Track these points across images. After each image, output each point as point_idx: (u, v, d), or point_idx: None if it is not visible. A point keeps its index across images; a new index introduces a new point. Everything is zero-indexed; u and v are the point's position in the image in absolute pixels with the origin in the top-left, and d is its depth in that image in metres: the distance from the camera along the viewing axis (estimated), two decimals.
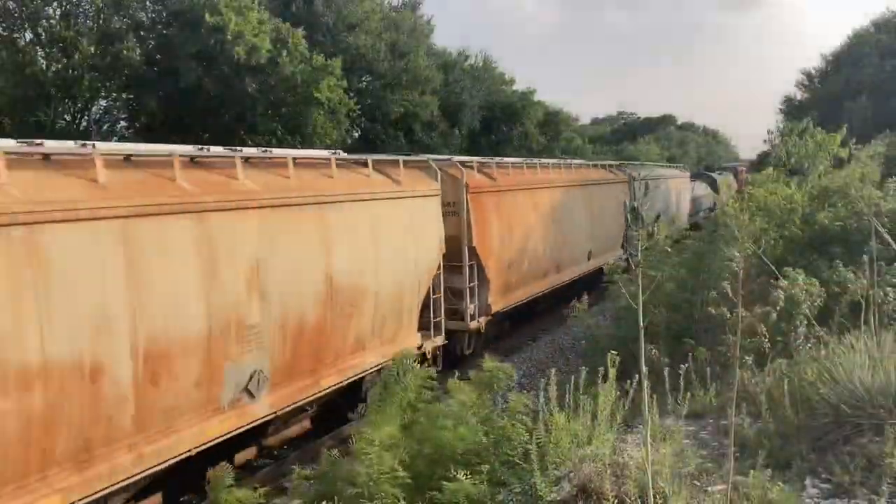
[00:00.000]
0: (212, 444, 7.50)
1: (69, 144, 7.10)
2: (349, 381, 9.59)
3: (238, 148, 9.27)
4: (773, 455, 5.73)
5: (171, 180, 7.18)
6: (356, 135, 28.62)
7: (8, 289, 5.60)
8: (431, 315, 11.71)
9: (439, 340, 12.04)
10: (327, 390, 9.16)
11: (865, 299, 7.50)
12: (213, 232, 7.41)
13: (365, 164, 10.45)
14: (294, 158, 8.89)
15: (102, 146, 7.07)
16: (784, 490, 5.01)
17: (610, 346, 9.75)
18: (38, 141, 6.88)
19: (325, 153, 10.50)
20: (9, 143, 6.45)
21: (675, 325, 10.29)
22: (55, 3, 19.40)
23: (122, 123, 22.50)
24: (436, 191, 11.78)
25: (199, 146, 8.47)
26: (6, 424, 5.55)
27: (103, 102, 21.78)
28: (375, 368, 9.94)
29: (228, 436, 7.76)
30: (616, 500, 4.86)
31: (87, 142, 7.38)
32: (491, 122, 36.27)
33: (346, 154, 11.21)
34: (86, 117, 21.25)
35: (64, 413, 5.97)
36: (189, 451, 7.20)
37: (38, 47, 19.50)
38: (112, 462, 6.42)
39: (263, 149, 9.81)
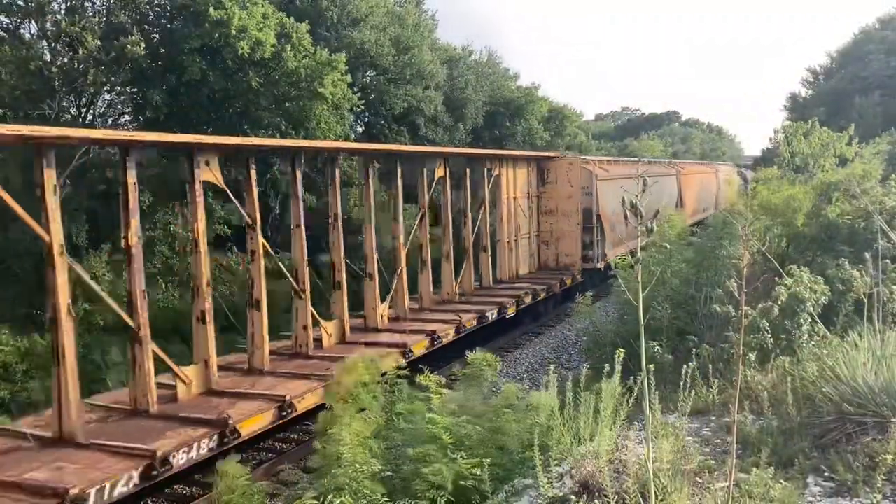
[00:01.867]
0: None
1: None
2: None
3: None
4: (776, 453, 5.72)
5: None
6: (360, 130, 28.59)
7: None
8: None
9: None
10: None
11: (869, 297, 7.48)
12: (695, 178, 37.98)
13: (710, 164, 47.57)
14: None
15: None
16: (786, 488, 5.00)
17: (613, 342, 9.76)
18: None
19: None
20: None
21: (679, 321, 10.28)
22: None
23: (127, 117, 22.53)
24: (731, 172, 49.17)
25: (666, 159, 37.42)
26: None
27: (108, 96, 21.80)
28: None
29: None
30: (617, 497, 4.86)
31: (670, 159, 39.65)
32: (495, 117, 36.22)
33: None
34: (91, 111, 21.27)
35: None
36: None
37: (43, 41, 19.51)
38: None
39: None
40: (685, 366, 6.66)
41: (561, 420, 6.11)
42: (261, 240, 11.88)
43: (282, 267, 12.84)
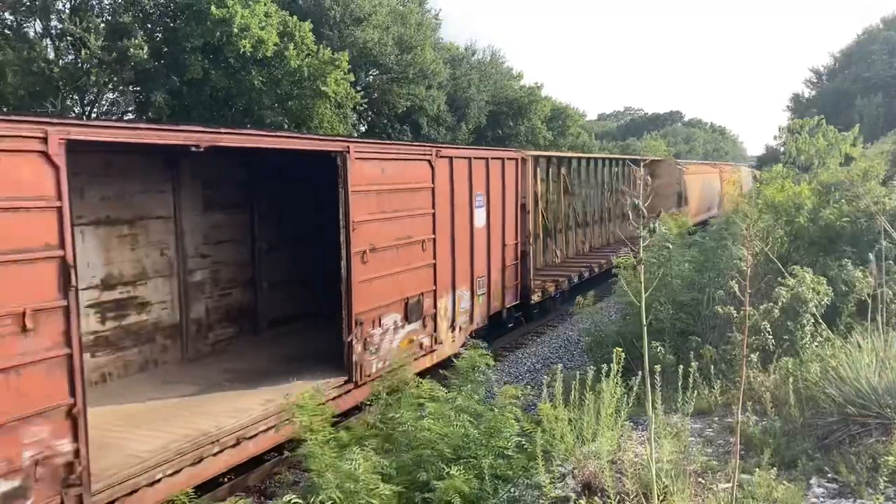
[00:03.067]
0: None
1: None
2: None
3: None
4: (779, 454, 5.70)
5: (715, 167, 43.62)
6: (362, 129, 28.61)
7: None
8: None
9: None
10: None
11: (873, 298, 7.46)
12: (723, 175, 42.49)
13: (735, 165, 54.14)
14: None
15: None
16: (789, 489, 4.99)
17: (615, 342, 9.73)
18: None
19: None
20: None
21: (682, 322, 10.24)
22: None
23: (130, 116, 22.55)
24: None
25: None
26: None
27: (111, 95, 21.85)
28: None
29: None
30: (619, 497, 4.85)
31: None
32: (498, 116, 36.25)
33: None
34: (94, 110, 21.31)
35: None
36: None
37: (46, 40, 19.54)
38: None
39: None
40: (685, 365, 6.64)
41: (563, 420, 6.09)
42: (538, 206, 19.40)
43: (545, 220, 20.45)
